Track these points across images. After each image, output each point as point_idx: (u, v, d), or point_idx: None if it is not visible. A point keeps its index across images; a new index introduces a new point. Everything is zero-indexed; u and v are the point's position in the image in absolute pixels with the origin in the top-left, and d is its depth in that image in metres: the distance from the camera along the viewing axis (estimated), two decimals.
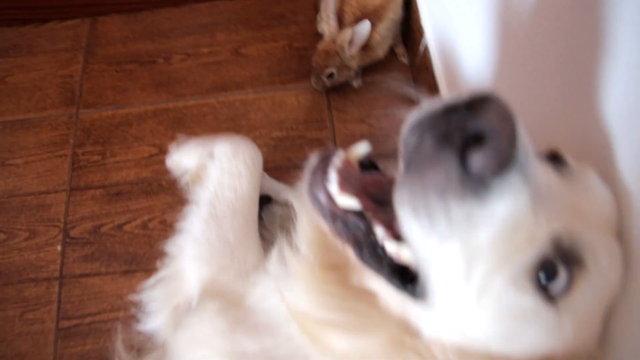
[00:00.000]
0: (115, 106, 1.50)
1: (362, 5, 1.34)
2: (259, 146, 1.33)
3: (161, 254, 1.22)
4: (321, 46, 1.34)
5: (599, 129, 0.58)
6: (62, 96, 1.54)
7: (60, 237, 1.35)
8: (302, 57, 1.53)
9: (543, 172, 0.46)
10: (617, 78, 0.55)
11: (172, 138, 1.32)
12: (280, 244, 0.65)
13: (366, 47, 1.34)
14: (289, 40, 1.57)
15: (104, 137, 1.46)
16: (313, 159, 0.55)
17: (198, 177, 0.95)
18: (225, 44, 1.57)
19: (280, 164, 1.36)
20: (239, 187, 0.89)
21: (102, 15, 1.67)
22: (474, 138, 0.40)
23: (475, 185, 0.41)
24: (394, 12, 1.37)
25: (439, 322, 0.51)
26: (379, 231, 0.50)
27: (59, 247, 1.33)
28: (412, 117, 0.44)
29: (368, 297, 0.57)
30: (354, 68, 1.37)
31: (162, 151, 1.41)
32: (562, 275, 0.47)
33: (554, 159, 0.54)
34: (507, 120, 0.41)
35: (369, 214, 0.51)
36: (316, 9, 1.53)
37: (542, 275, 0.46)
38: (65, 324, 1.27)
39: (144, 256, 1.30)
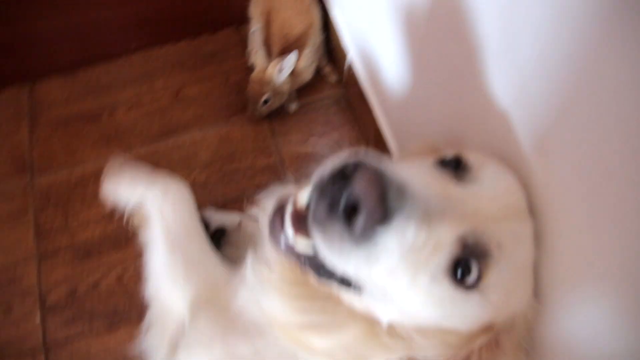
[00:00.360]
0: (69, 166, 1.54)
1: (285, 35, 1.45)
2: (213, 182, 1.43)
3: (141, 301, 1.29)
4: (254, 76, 1.44)
5: (495, 112, 0.71)
6: (12, 166, 1.56)
7: (38, 306, 1.38)
8: (240, 90, 1.60)
9: (437, 190, 0.57)
10: (494, 64, 0.68)
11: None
12: (251, 256, 0.73)
13: (294, 72, 1.45)
14: (225, 76, 1.65)
15: (63, 199, 1.49)
16: (270, 210, 0.64)
17: (141, 217, 1.03)
18: (165, 89, 1.63)
19: (235, 196, 1.44)
20: (181, 218, 0.99)
21: (40, 79, 1.70)
22: (351, 207, 0.51)
23: (364, 237, 0.52)
24: (315, 37, 1.49)
25: (391, 311, 0.63)
26: None
27: (37, 317, 1.36)
28: (312, 180, 0.56)
29: (334, 299, 0.67)
30: (286, 93, 1.48)
31: None
32: (474, 268, 0.58)
33: (458, 163, 0.65)
34: (374, 184, 0.51)
35: None
36: (245, 43, 1.61)
37: (459, 271, 0.58)
38: None
39: (124, 308, 1.35)
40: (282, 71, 1.40)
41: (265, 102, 1.45)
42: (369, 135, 1.43)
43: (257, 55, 1.44)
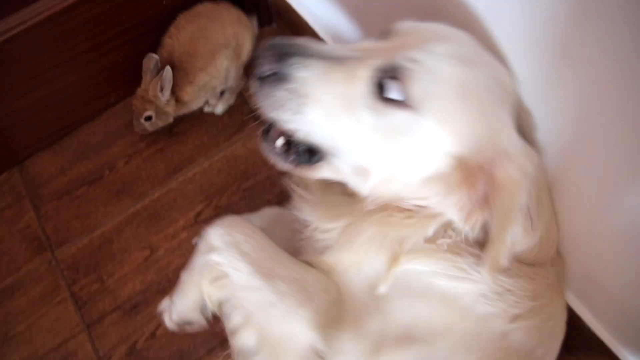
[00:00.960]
0: (88, 231, 1.51)
1: (184, 63, 1.47)
2: (236, 202, 1.43)
3: (205, 335, 1.28)
4: (138, 92, 1.48)
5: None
6: (30, 248, 1.53)
7: None
8: (233, 110, 1.61)
9: (341, 48, 0.77)
10: None
11: (157, 233, 1.38)
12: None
13: (179, 99, 1.50)
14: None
15: (92, 265, 1.47)
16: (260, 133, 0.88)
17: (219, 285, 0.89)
18: (159, 130, 1.61)
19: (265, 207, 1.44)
20: (258, 245, 0.90)
21: (27, 158, 1.67)
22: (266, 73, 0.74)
23: (276, 79, 0.74)
24: (211, 78, 1.50)
25: (371, 175, 0.78)
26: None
27: None
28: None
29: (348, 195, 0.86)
30: (171, 114, 1.51)
31: (154, 250, 1.45)
32: (392, 84, 0.71)
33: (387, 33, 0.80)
34: (271, 49, 0.74)
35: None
36: None
37: (384, 91, 0.72)
38: None
39: (190, 347, 1.33)
40: (163, 90, 1.43)
41: (148, 119, 1.48)
42: None
43: (144, 75, 1.47)
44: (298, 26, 1.57)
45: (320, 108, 0.75)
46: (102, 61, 1.56)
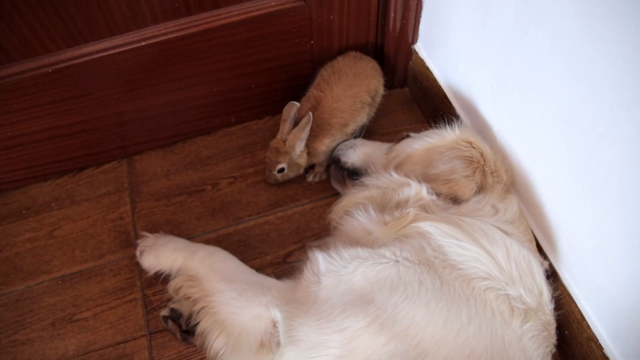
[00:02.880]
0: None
1: (324, 121, 1.48)
2: None
3: None
4: (272, 144, 1.47)
5: None
6: (117, 240, 1.54)
7: None
8: None
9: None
10: None
11: (242, 261, 1.35)
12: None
13: (310, 152, 1.49)
14: None
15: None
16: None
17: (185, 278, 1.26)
18: None
19: None
20: (230, 265, 1.27)
21: (138, 153, 1.70)
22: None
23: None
24: (347, 131, 1.51)
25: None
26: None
27: None
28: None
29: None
30: (302, 166, 1.51)
31: None
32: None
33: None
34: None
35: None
36: None
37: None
38: None
39: None
40: (301, 141, 1.43)
41: (281, 170, 1.47)
42: None
43: (283, 124, 1.45)
44: (432, 95, 1.56)
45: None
46: (237, 81, 1.60)
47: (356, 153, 1.45)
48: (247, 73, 1.59)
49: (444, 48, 1.51)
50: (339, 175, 1.48)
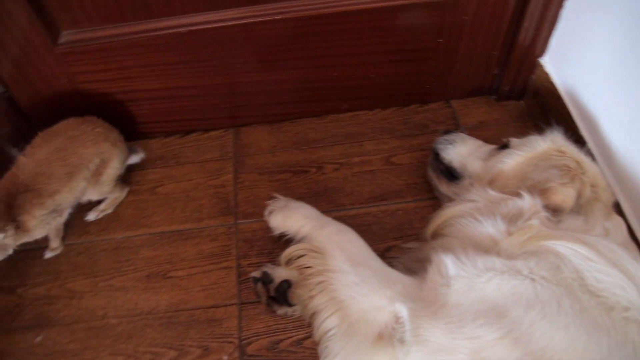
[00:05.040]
0: None
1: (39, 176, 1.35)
2: None
3: None
4: None
5: None
6: (217, 206, 1.55)
7: (237, 354, 1.31)
8: None
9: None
10: None
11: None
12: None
13: (21, 229, 1.33)
14: None
15: (268, 248, 1.46)
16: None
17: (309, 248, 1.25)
18: (376, 153, 1.61)
19: None
20: (358, 247, 1.23)
21: (245, 126, 1.72)
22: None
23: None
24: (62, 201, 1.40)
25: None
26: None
27: None
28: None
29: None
30: (11, 245, 1.34)
31: None
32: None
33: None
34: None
35: None
36: (455, 118, 1.58)
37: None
38: None
39: None
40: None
41: None
42: None
43: None
44: (553, 111, 1.52)
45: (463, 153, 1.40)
46: (357, 69, 1.59)
47: (455, 151, 1.41)
48: (369, 62, 1.58)
49: (576, 65, 1.46)
50: (436, 167, 1.45)
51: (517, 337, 0.85)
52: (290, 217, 1.34)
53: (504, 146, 1.32)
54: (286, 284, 1.30)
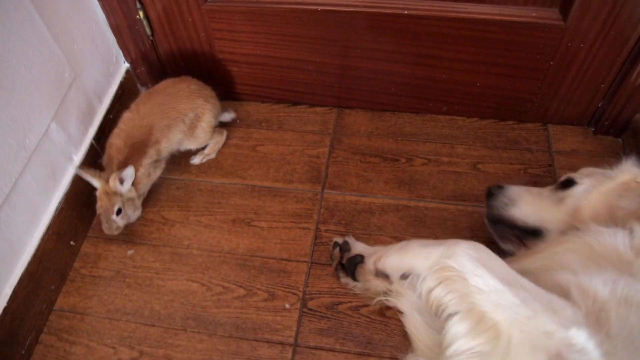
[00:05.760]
0: (359, 193, 1.62)
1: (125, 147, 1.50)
2: None
3: (398, 340, 1.29)
4: (99, 192, 1.46)
5: None
6: (308, 173, 1.68)
7: (298, 305, 1.43)
8: (536, 183, 1.61)
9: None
10: None
11: (414, 235, 1.42)
12: None
13: (134, 182, 1.50)
14: (524, 165, 1.67)
15: (346, 220, 1.56)
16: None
17: (445, 278, 1.05)
18: (465, 157, 1.68)
19: None
20: (500, 263, 1.03)
21: (349, 108, 1.84)
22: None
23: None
24: (155, 151, 1.55)
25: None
26: None
27: (296, 316, 1.41)
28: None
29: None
30: (137, 197, 1.53)
31: None
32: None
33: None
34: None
35: None
36: (549, 142, 1.63)
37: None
38: None
39: (379, 342, 1.35)
40: (123, 182, 1.44)
41: (119, 212, 1.47)
42: None
43: (107, 167, 1.51)
44: None
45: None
46: (465, 75, 1.67)
47: (522, 209, 1.32)
48: (478, 71, 1.65)
49: None
50: (510, 234, 1.35)
51: None
52: (407, 253, 1.20)
53: (567, 183, 1.29)
54: (359, 258, 1.40)
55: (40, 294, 1.41)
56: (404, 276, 1.21)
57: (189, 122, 1.60)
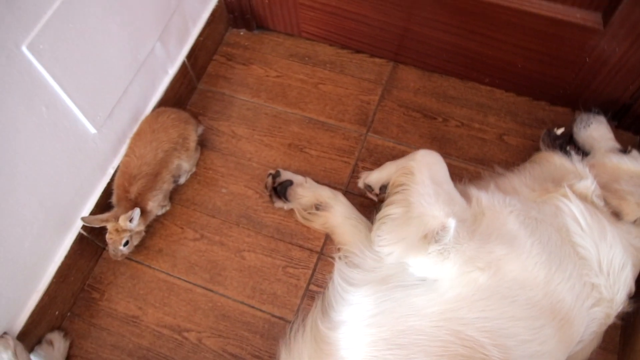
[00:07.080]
0: (397, 141, 1.91)
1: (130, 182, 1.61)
2: None
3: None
4: (110, 227, 1.57)
5: None
6: (358, 115, 1.98)
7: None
8: None
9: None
10: None
11: None
12: None
13: (144, 214, 1.62)
14: None
15: (381, 162, 1.83)
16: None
17: (403, 172, 1.48)
18: (494, 127, 1.94)
19: None
20: (441, 169, 1.49)
21: (403, 64, 2.09)
22: None
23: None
24: (163, 182, 1.68)
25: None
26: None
27: (323, 236, 1.76)
28: None
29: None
30: (143, 230, 1.66)
31: None
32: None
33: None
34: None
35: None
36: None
37: None
38: (313, 288, 1.69)
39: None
40: (133, 220, 1.55)
41: (126, 244, 1.60)
42: None
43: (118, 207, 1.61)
44: None
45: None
46: (509, 55, 1.88)
47: (588, 133, 1.75)
48: (520, 54, 1.86)
49: None
50: (569, 148, 1.74)
51: (518, 254, 1.26)
52: (384, 169, 1.63)
53: (624, 150, 1.65)
54: (289, 182, 1.77)
55: None
56: (383, 187, 1.61)
57: (180, 147, 1.71)
